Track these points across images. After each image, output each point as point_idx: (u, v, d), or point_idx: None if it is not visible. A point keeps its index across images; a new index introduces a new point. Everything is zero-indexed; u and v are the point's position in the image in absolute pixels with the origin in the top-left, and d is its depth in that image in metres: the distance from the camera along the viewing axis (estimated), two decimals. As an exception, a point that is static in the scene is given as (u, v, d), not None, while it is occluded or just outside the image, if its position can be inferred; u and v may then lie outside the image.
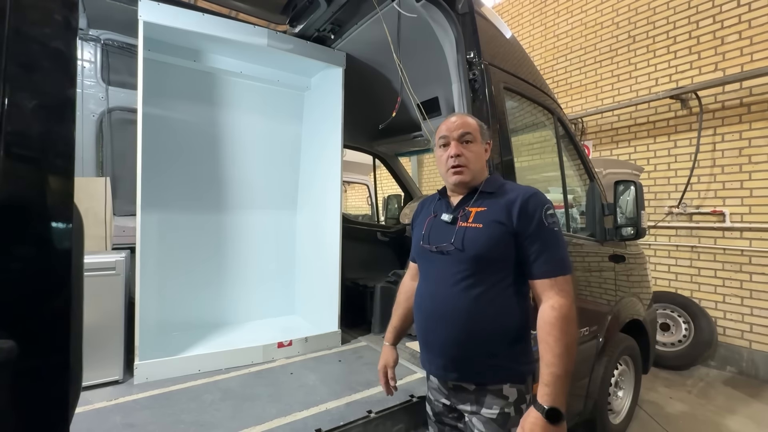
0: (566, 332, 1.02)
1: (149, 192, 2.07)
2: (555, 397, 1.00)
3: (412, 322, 1.43)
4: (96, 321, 1.79)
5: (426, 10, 1.84)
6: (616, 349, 2.33)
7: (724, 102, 3.84)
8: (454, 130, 1.21)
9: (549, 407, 0.99)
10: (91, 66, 2.58)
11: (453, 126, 1.22)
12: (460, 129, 1.21)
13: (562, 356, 1.01)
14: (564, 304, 1.04)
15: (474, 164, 1.20)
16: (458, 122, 1.22)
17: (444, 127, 1.24)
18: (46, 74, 0.69)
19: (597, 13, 4.88)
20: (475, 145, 1.21)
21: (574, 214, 2.51)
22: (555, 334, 1.02)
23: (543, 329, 1.04)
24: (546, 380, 1.01)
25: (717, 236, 3.89)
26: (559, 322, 1.03)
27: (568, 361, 1.01)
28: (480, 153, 1.23)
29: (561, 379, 1.00)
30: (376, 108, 2.98)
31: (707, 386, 3.52)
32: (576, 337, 1.05)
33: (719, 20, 3.88)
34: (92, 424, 1.51)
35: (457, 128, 1.21)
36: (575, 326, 1.05)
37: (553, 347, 1.01)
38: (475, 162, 1.21)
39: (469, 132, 1.20)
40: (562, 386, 1.00)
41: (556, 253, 1.09)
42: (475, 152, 1.21)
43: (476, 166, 1.21)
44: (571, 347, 1.02)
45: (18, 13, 0.66)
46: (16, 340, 0.64)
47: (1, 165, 0.64)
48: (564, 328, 1.02)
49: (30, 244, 0.67)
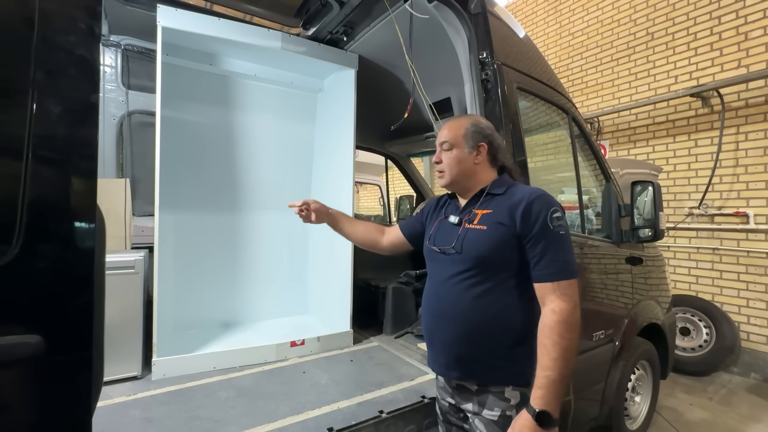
0: (565, 336, 1.01)
1: (167, 193, 2.12)
2: (547, 401, 0.99)
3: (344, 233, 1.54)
4: (116, 318, 1.85)
5: (438, 10, 1.84)
6: (633, 354, 2.28)
7: (748, 99, 3.71)
8: (438, 138, 1.28)
9: (540, 410, 0.99)
10: (112, 71, 2.66)
11: (440, 133, 1.28)
12: (440, 138, 1.27)
13: (559, 360, 1.00)
14: (565, 308, 1.03)
15: (451, 169, 1.24)
16: (444, 130, 1.27)
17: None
18: (71, 80, 0.72)
19: (613, 10, 4.78)
20: (452, 151, 1.24)
21: (590, 215, 2.47)
22: (553, 338, 1.01)
23: (542, 332, 1.04)
24: (540, 383, 1.00)
25: (740, 238, 3.76)
26: (558, 326, 1.02)
27: (564, 365, 1.00)
28: (459, 158, 1.23)
29: (555, 383, 0.99)
30: (388, 109, 2.99)
31: (730, 393, 3.40)
32: (576, 342, 1.04)
33: (743, 15, 3.75)
34: (112, 417, 1.56)
35: (439, 137, 1.28)
36: (576, 331, 1.04)
37: (550, 351, 1.01)
38: (453, 167, 1.24)
39: (446, 140, 1.25)
40: (555, 390, 1.00)
41: (560, 256, 1.08)
42: (452, 158, 1.24)
43: (453, 171, 1.24)
44: (569, 352, 1.01)
45: (45, 22, 0.69)
46: (42, 335, 0.67)
47: (29, 167, 0.67)
48: (562, 332, 1.01)
49: (56, 243, 0.70)
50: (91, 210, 0.73)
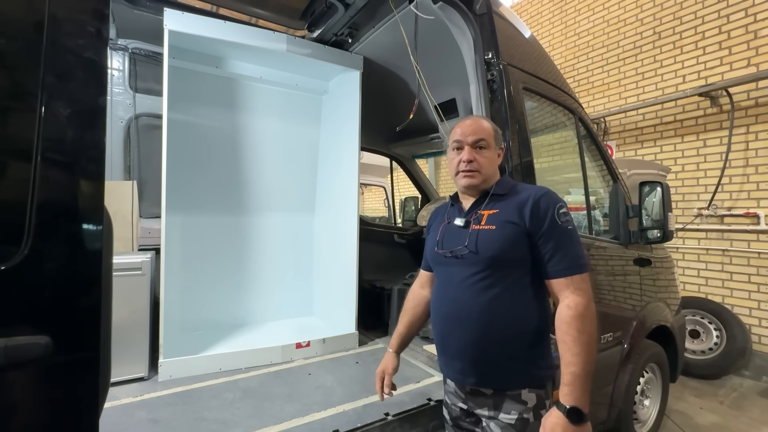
0: (583, 331, 1.01)
1: (173, 195, 2.14)
2: (577, 397, 0.98)
3: (418, 330, 1.44)
4: (123, 319, 1.86)
5: (443, 11, 1.83)
6: (642, 356, 2.25)
7: (758, 99, 3.66)
8: (469, 135, 1.21)
9: (570, 406, 0.98)
10: (119, 74, 2.69)
11: (468, 131, 1.21)
12: (475, 135, 1.20)
13: (581, 355, 0.99)
14: (580, 302, 1.03)
15: (486, 169, 1.21)
16: (474, 127, 1.22)
17: (459, 130, 1.23)
18: (79, 84, 0.73)
19: (620, 9, 4.74)
20: (489, 150, 1.21)
21: (597, 216, 2.44)
22: (572, 333, 1.01)
23: (560, 329, 1.03)
24: (566, 380, 1.00)
25: (751, 239, 3.70)
26: (575, 321, 1.01)
27: (587, 359, 0.99)
28: (493, 158, 1.22)
29: (581, 378, 0.99)
30: (393, 110, 2.99)
31: (741, 397, 3.35)
32: (595, 335, 1.03)
33: (752, 13, 3.70)
34: (119, 418, 1.57)
35: (472, 133, 1.21)
36: (593, 324, 1.03)
37: (571, 346, 1.00)
38: (488, 167, 1.21)
39: (484, 138, 1.20)
40: (582, 385, 0.99)
41: (571, 251, 1.08)
42: (487, 158, 1.21)
43: (488, 171, 1.21)
44: (590, 346, 1.01)
45: (54, 26, 0.69)
46: (51, 336, 0.67)
47: (38, 170, 0.67)
48: (580, 326, 1.01)
49: (64, 245, 0.70)
50: (98, 212, 0.73)
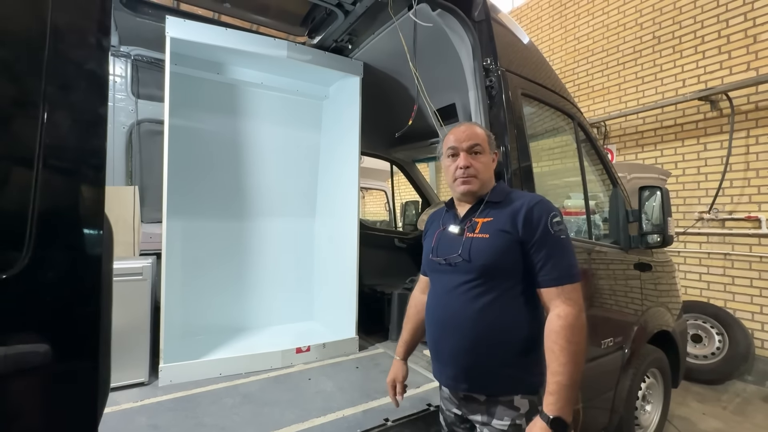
0: (572, 341, 1.00)
1: (175, 200, 2.15)
2: (561, 407, 0.98)
3: (423, 335, 1.43)
4: (123, 324, 1.86)
5: (442, 18, 1.85)
6: (643, 362, 2.24)
7: (758, 103, 3.66)
8: (463, 141, 1.21)
9: (554, 416, 0.98)
10: (122, 81, 2.71)
11: (463, 137, 1.22)
12: (469, 140, 1.21)
13: (568, 365, 0.99)
14: (570, 312, 1.03)
15: (482, 175, 1.21)
16: (467, 133, 1.22)
17: (452, 137, 1.24)
18: (81, 91, 0.74)
19: (619, 14, 4.76)
20: (484, 155, 1.22)
21: (597, 221, 2.44)
22: (560, 343, 1.00)
23: (549, 338, 1.03)
24: (551, 389, 1.00)
25: (752, 243, 3.69)
26: (564, 331, 1.01)
27: (574, 370, 0.99)
28: (488, 163, 1.23)
29: (566, 388, 0.99)
30: (393, 115, 3.00)
31: (744, 402, 3.32)
32: (584, 346, 1.03)
33: (751, 17, 3.72)
34: (119, 424, 1.57)
35: (466, 139, 1.21)
36: (583, 335, 1.03)
37: (558, 356, 1.00)
38: (484, 172, 1.21)
39: (478, 143, 1.21)
40: (567, 396, 0.99)
41: (563, 260, 1.08)
42: (483, 163, 1.21)
43: (484, 177, 1.22)
44: (578, 356, 1.01)
45: (56, 33, 0.71)
46: (50, 343, 0.68)
47: (39, 177, 0.68)
48: (569, 336, 1.01)
49: (64, 252, 0.71)
50: (99, 219, 0.74)
